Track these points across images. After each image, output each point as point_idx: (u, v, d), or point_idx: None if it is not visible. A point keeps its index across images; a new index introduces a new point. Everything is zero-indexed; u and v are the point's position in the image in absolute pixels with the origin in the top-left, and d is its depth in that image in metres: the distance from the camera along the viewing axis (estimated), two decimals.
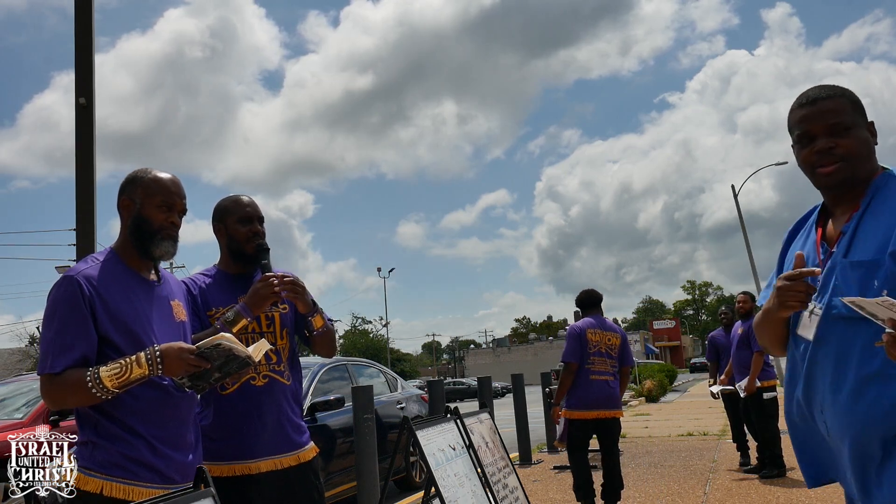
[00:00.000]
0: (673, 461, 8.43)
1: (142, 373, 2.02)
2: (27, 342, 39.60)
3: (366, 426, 5.62)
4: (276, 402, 2.60)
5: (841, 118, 1.75)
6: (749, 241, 26.49)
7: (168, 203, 2.23)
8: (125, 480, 2.03)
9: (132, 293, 2.16)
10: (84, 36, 8.79)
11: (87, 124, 8.60)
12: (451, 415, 3.84)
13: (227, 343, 2.08)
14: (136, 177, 2.26)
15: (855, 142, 1.74)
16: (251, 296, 2.51)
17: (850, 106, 1.77)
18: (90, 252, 3.90)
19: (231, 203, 2.70)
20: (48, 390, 2.02)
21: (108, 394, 1.99)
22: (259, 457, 2.54)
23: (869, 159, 1.77)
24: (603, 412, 5.42)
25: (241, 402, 2.55)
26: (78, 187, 8.51)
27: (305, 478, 2.63)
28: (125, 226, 2.24)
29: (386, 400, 7.97)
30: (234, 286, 2.66)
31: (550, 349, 76.43)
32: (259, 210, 2.71)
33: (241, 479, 2.52)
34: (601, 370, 5.46)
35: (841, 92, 1.80)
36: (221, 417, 2.56)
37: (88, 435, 2.07)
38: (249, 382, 2.56)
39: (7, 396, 6.81)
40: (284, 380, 2.64)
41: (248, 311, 2.48)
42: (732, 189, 27.52)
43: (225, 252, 2.72)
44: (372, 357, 57.37)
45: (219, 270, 2.73)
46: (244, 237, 2.64)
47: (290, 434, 2.62)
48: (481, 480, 3.66)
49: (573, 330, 5.58)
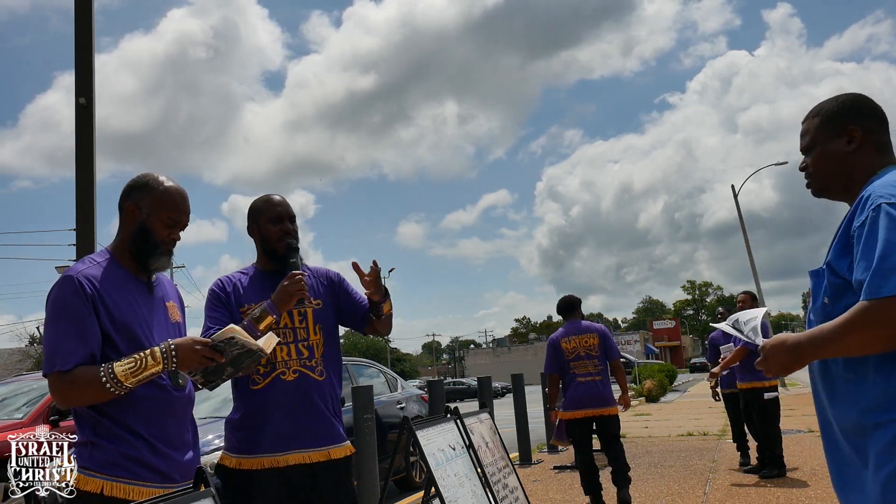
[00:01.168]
0: (673, 461, 8.43)
1: (157, 367, 2.03)
2: (27, 342, 39.59)
3: (366, 426, 5.62)
4: (307, 396, 2.61)
5: (806, 141, 1.92)
6: (749, 241, 26.49)
7: (175, 220, 2.24)
8: (126, 480, 2.03)
9: (130, 294, 2.17)
10: (84, 36, 8.79)
11: (87, 124, 8.60)
12: (451, 415, 3.84)
13: (240, 337, 2.10)
14: (147, 185, 2.25)
15: (817, 160, 1.89)
16: (278, 293, 2.54)
17: (819, 124, 1.88)
18: (90, 252, 3.90)
19: (263, 203, 2.75)
20: (59, 388, 2.01)
21: (122, 389, 1.99)
22: (287, 450, 2.56)
23: (841, 171, 1.84)
24: (593, 410, 5.77)
25: (270, 397, 2.58)
26: (78, 187, 8.51)
27: (335, 475, 2.64)
28: (126, 230, 2.23)
29: (386, 400, 7.97)
30: (266, 284, 2.69)
31: None
32: (290, 209, 2.76)
33: (269, 472, 2.54)
34: (585, 372, 5.82)
35: (817, 111, 1.91)
36: (251, 411, 2.59)
37: (87, 435, 2.06)
38: (280, 377, 2.59)
39: (7, 396, 6.81)
40: (317, 375, 2.64)
41: (274, 309, 2.51)
42: (732, 189, 27.54)
43: (260, 251, 2.77)
44: (372, 357, 57.40)
45: (255, 269, 2.78)
46: (275, 236, 2.70)
47: (321, 429, 2.63)
48: (481, 480, 3.66)
49: (549, 341, 6.05)
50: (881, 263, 1.53)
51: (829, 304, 1.72)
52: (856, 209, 1.69)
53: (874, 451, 1.56)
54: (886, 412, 1.55)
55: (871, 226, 1.60)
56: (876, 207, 1.61)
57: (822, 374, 1.77)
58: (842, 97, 1.89)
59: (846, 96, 1.89)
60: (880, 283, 1.51)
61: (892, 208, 1.59)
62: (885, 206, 1.60)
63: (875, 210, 1.60)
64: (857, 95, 1.88)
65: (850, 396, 1.64)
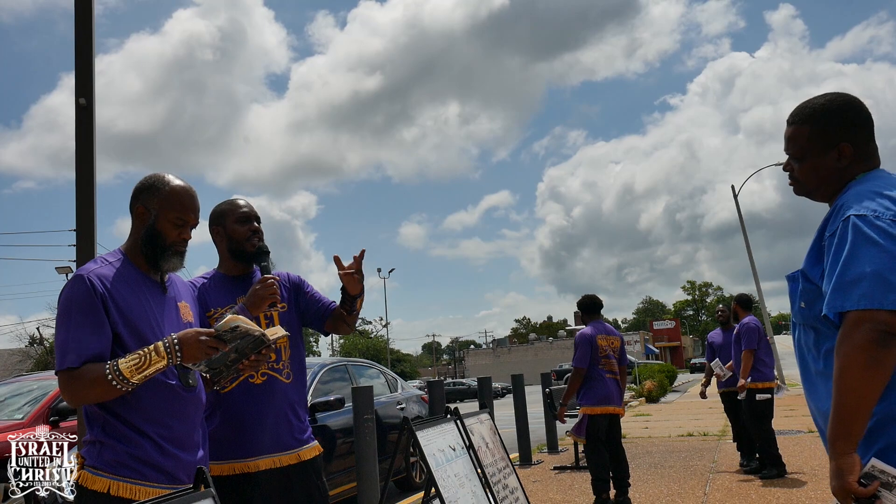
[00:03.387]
0: (673, 461, 8.43)
1: (161, 362, 2.03)
2: (27, 343, 39.60)
3: (366, 427, 5.62)
4: (276, 400, 2.61)
5: (793, 150, 1.89)
6: (749, 241, 26.44)
7: (183, 219, 2.24)
8: (132, 480, 2.04)
9: (141, 294, 2.18)
10: (84, 35, 8.77)
11: (88, 125, 8.59)
12: (451, 415, 3.84)
13: (243, 325, 2.11)
14: (154, 186, 2.25)
15: (806, 170, 1.87)
16: (250, 297, 2.55)
17: (809, 134, 1.84)
18: (90, 253, 3.90)
19: (228, 205, 2.76)
20: (68, 385, 2.02)
21: (128, 385, 1.99)
22: (258, 455, 2.56)
23: (828, 183, 1.84)
24: (615, 408, 6.09)
25: (239, 401, 2.58)
26: (78, 188, 8.50)
27: (306, 476, 2.64)
28: (137, 232, 2.24)
29: (386, 400, 7.97)
30: (233, 288, 2.69)
31: (550, 350, 76.46)
32: (255, 210, 2.75)
33: (241, 477, 2.53)
34: (610, 370, 6.11)
35: (807, 117, 1.85)
36: (220, 415, 2.58)
37: (96, 434, 2.07)
38: (248, 381, 2.59)
39: (7, 397, 6.81)
40: (284, 378, 2.65)
41: (246, 312, 2.51)
42: (732, 189, 27.51)
43: (225, 254, 2.75)
44: (372, 358, 57.39)
45: (218, 273, 2.77)
46: (244, 236, 2.68)
47: (290, 432, 2.64)
48: (481, 481, 3.66)
49: (584, 337, 6.13)
50: (840, 279, 1.57)
51: (806, 307, 1.74)
52: (829, 217, 1.71)
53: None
54: None
55: (840, 238, 1.62)
56: (845, 219, 1.62)
57: (802, 370, 1.80)
58: (831, 104, 1.83)
59: (835, 103, 1.83)
60: (842, 300, 1.55)
61: (860, 220, 1.60)
62: (853, 218, 1.61)
63: (844, 222, 1.62)
64: (845, 102, 1.83)
65: (827, 391, 1.66)
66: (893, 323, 1.51)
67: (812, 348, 1.76)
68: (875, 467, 1.52)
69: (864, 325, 1.51)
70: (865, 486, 1.51)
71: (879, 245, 1.56)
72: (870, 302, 1.52)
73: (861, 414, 1.53)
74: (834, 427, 1.56)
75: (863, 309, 1.52)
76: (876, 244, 1.56)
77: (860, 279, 1.54)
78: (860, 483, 1.51)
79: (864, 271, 1.54)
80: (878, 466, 1.52)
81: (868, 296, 1.52)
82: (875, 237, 1.57)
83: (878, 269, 1.53)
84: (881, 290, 1.52)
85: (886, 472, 1.51)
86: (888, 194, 1.65)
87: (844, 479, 1.52)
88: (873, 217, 1.60)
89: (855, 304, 1.53)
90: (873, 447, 1.55)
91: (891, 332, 1.50)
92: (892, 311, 1.51)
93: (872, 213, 1.60)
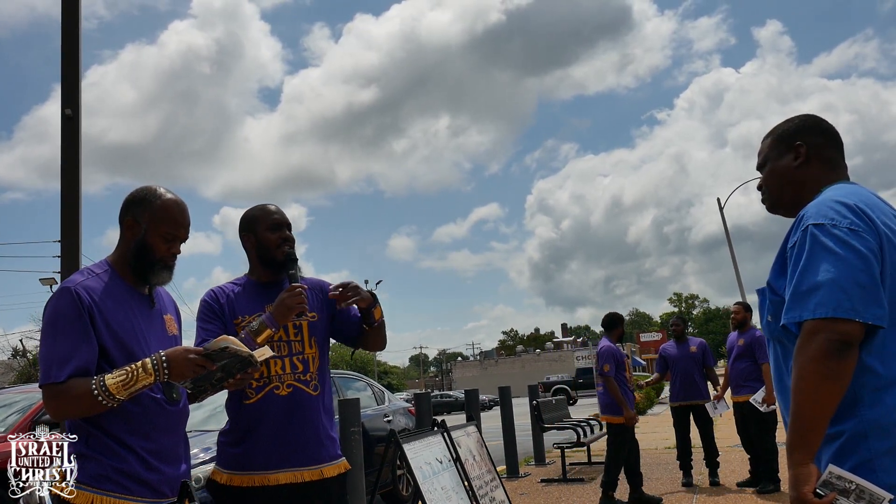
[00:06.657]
0: (660, 474, 8.43)
1: (149, 379, 2.01)
2: (10, 355, 39.18)
3: (352, 439, 5.60)
4: (301, 412, 2.54)
5: (759, 161, 1.99)
6: (735, 253, 26.65)
7: (174, 234, 2.22)
8: (116, 494, 2.01)
9: (128, 307, 2.16)
10: (71, 45, 8.74)
11: (73, 136, 8.54)
12: (438, 428, 3.83)
13: (232, 346, 2.09)
14: (146, 199, 2.23)
15: (768, 176, 1.95)
16: (277, 306, 2.50)
17: (770, 143, 1.95)
18: (75, 265, 3.88)
19: (259, 211, 2.70)
20: (52, 400, 1.99)
21: (114, 402, 1.97)
22: (278, 468, 2.49)
23: (790, 186, 1.88)
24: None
25: (263, 412, 2.51)
26: (63, 200, 8.44)
27: (327, 494, 2.56)
28: (126, 245, 2.22)
29: (373, 413, 7.93)
30: (262, 295, 2.64)
31: (538, 362, 76.38)
32: (286, 217, 2.72)
33: (259, 490, 2.48)
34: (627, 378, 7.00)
35: (771, 131, 1.98)
36: (243, 426, 2.53)
37: (79, 447, 2.05)
38: (273, 392, 2.52)
39: None
40: (311, 390, 2.57)
41: (273, 322, 2.47)
42: (718, 202, 27.73)
43: (255, 261, 2.71)
44: (359, 370, 57.13)
45: (248, 279, 2.72)
46: (274, 244, 2.64)
47: (314, 447, 2.55)
48: (468, 493, 3.66)
49: (610, 350, 6.80)
50: (797, 288, 1.58)
51: (773, 321, 1.72)
52: (791, 228, 1.72)
53: (825, 459, 1.58)
54: (834, 424, 1.56)
55: (799, 248, 1.63)
56: (804, 229, 1.63)
57: (779, 387, 1.78)
58: (794, 119, 1.94)
59: (798, 117, 1.94)
60: (800, 309, 1.56)
61: (817, 229, 1.60)
62: (811, 227, 1.62)
63: (803, 232, 1.63)
64: (808, 116, 1.93)
65: None
66: (849, 332, 1.50)
67: (782, 363, 1.74)
68: (832, 473, 1.52)
69: (820, 334, 1.51)
70: (822, 495, 1.50)
71: (836, 254, 1.55)
72: (825, 310, 1.51)
73: (818, 424, 1.53)
74: (791, 437, 1.56)
75: (819, 318, 1.52)
76: (832, 252, 1.56)
77: (816, 288, 1.54)
78: (817, 494, 1.50)
79: (821, 280, 1.54)
80: (836, 472, 1.51)
81: (824, 304, 1.52)
82: (831, 245, 1.57)
83: (834, 277, 1.53)
84: (837, 298, 1.51)
85: (844, 477, 1.50)
86: (846, 202, 1.65)
87: (800, 489, 1.52)
88: (830, 226, 1.60)
89: (811, 312, 1.53)
90: (843, 466, 1.54)
91: (846, 342, 1.50)
92: (848, 320, 1.50)
93: (830, 222, 1.60)
